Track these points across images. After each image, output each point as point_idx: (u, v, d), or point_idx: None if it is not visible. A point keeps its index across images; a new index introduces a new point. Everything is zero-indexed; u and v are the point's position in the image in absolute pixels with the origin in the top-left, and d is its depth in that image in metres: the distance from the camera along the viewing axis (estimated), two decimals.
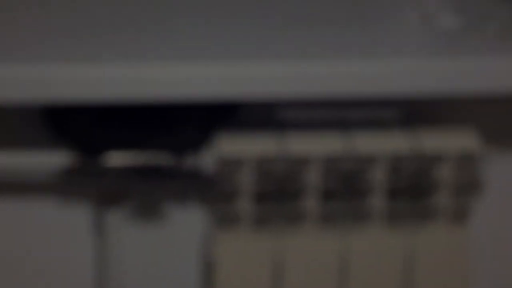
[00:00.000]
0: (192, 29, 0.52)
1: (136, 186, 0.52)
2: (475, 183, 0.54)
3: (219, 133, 0.51)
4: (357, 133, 0.52)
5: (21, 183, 0.53)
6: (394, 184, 0.52)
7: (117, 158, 0.50)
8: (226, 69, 0.47)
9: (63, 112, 0.49)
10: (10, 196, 0.54)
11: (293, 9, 0.57)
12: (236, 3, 0.56)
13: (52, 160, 0.52)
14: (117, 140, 0.50)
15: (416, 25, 0.54)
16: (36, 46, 0.47)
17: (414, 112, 0.55)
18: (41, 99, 0.44)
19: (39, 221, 0.55)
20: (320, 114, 0.53)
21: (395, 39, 0.53)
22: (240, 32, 0.52)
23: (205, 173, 0.51)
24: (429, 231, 0.53)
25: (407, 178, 0.53)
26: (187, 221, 0.55)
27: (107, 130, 0.50)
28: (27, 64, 0.44)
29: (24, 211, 0.55)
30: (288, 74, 0.48)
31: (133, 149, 0.50)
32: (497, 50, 0.51)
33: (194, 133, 0.51)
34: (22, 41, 0.48)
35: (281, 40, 0.51)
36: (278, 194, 0.51)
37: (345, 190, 0.52)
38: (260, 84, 0.47)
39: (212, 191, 0.51)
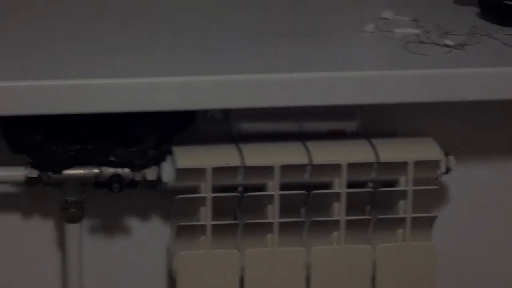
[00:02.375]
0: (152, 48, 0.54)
1: (98, 199, 0.53)
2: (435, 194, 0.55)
3: (176, 147, 0.52)
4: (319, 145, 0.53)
5: None
6: (357, 195, 0.53)
7: (78, 173, 0.51)
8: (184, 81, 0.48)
9: (19, 131, 0.50)
10: None
11: (258, 23, 0.59)
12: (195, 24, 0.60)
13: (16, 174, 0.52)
14: (78, 156, 0.51)
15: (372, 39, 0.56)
16: None
17: (374, 124, 0.56)
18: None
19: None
20: (280, 126, 0.54)
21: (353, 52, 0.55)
22: (198, 47, 0.54)
23: (165, 184, 0.51)
24: (395, 239, 0.54)
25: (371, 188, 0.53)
26: (149, 232, 0.57)
27: (66, 146, 0.51)
28: None
29: None
30: (250, 85, 0.49)
31: (94, 164, 0.51)
32: (454, 62, 0.53)
33: (153, 146, 0.51)
34: None
35: (244, 53, 0.53)
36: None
37: (308, 201, 0.52)
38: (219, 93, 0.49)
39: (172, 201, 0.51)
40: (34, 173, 0.51)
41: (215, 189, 0.51)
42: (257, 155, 0.52)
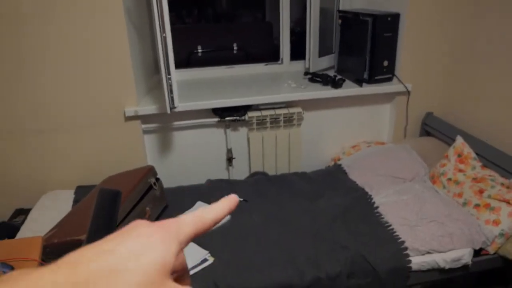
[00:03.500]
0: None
1: (233, 123, 2.50)
2: (300, 117, 2.56)
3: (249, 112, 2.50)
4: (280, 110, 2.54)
5: (206, 124, 2.50)
6: (275, 119, 2.54)
7: (229, 118, 2.47)
8: None
9: (220, 110, 2.46)
10: (202, 129, 2.52)
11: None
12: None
13: (215, 119, 2.49)
14: (228, 115, 2.47)
15: (287, 86, 2.55)
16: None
17: (291, 104, 2.57)
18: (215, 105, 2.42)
19: (211, 135, 2.54)
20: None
21: (280, 89, 2.54)
22: None
23: (247, 121, 2.49)
24: (285, 130, 2.55)
25: (283, 117, 2.54)
26: (244, 130, 2.54)
27: (224, 113, 2.46)
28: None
29: (207, 133, 2.55)
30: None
31: (231, 117, 2.48)
32: (302, 90, 2.53)
33: (243, 112, 2.49)
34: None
35: None
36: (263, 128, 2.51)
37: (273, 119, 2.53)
38: None
39: (248, 123, 2.49)
40: (218, 119, 2.47)
41: (258, 118, 2.50)
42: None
